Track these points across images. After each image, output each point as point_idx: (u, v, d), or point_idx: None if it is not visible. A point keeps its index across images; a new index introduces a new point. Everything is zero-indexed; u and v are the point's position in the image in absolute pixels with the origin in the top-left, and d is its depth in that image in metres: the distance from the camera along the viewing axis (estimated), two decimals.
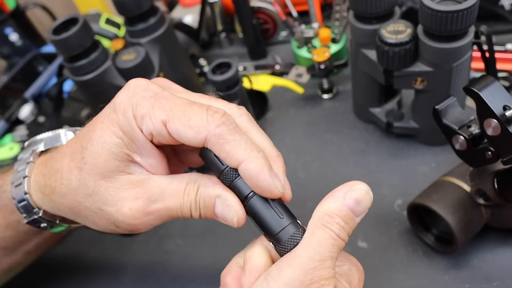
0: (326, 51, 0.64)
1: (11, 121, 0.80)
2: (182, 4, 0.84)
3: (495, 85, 0.35)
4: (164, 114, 0.30)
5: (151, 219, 0.33)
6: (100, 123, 0.32)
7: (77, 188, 0.34)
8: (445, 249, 0.46)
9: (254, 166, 0.29)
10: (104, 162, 0.32)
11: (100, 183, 0.33)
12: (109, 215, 0.33)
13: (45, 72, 0.86)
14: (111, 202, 0.33)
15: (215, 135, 0.30)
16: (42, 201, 0.37)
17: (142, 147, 0.32)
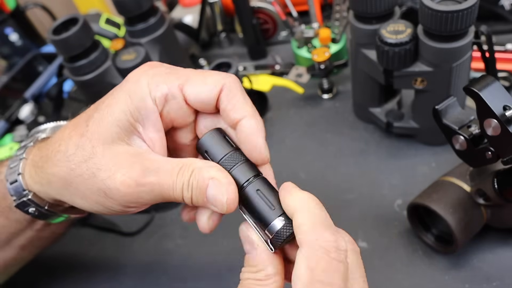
0: (326, 51, 0.64)
1: (11, 121, 0.80)
2: (182, 4, 0.84)
3: (495, 85, 0.35)
4: (180, 79, 0.32)
5: (142, 191, 0.32)
6: (110, 94, 0.33)
7: (73, 154, 0.33)
8: (445, 249, 0.46)
9: (256, 123, 0.32)
10: (106, 127, 0.32)
11: (98, 149, 0.32)
12: (101, 182, 0.32)
13: (45, 72, 0.86)
14: (105, 167, 0.32)
15: (228, 87, 0.32)
16: (34, 180, 0.37)
17: (147, 117, 0.32)
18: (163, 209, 0.59)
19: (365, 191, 0.55)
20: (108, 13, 0.95)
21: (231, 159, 0.32)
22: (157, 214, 0.59)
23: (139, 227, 0.57)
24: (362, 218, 0.53)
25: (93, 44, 0.57)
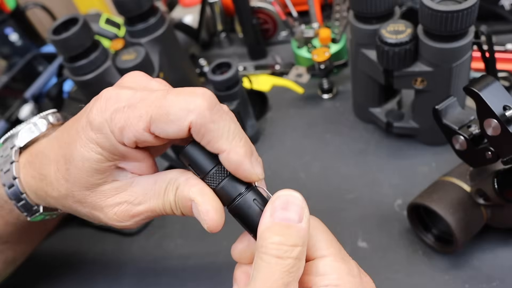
0: (326, 51, 0.64)
1: (11, 121, 0.80)
2: (182, 4, 0.84)
3: (495, 85, 0.35)
4: (143, 120, 0.29)
5: (137, 220, 0.34)
6: (79, 138, 0.32)
7: (66, 196, 0.34)
8: (445, 249, 0.46)
9: (236, 158, 0.29)
10: (86, 177, 0.32)
11: (86, 193, 0.33)
12: (99, 219, 0.35)
13: (45, 72, 0.86)
14: (98, 208, 0.34)
15: (197, 124, 0.29)
16: (38, 201, 0.38)
17: (125, 155, 0.32)
18: None
19: (365, 191, 0.55)
20: (108, 13, 0.95)
21: (217, 173, 0.30)
22: None
23: (139, 227, 0.57)
24: (362, 218, 0.53)
25: (93, 44, 0.57)
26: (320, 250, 0.30)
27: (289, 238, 0.27)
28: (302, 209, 0.28)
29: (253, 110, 0.63)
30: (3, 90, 0.86)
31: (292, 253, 0.27)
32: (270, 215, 0.28)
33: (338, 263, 0.29)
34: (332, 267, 0.29)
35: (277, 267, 0.27)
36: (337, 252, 0.30)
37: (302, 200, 0.29)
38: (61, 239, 0.58)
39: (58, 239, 0.58)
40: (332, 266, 0.29)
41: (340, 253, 0.30)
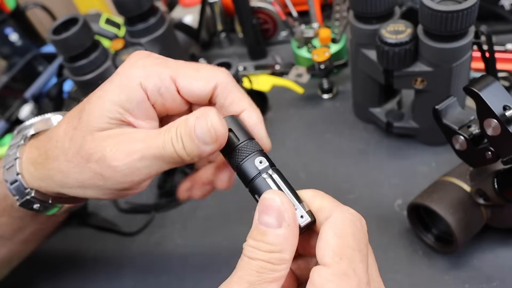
0: (326, 51, 0.64)
1: (11, 121, 0.80)
2: (182, 4, 0.84)
3: (495, 85, 0.35)
4: (172, 71, 0.32)
5: (134, 160, 0.31)
6: (102, 86, 0.33)
7: (68, 147, 0.34)
8: (445, 249, 0.46)
9: (256, 115, 0.34)
10: (96, 118, 0.32)
11: (88, 137, 0.33)
12: (95, 165, 0.32)
13: (45, 72, 0.86)
14: (95, 149, 0.32)
15: (223, 83, 0.33)
16: (34, 177, 0.37)
17: (138, 107, 0.32)
18: (163, 209, 0.59)
19: (365, 191, 0.55)
20: (108, 13, 0.95)
21: (249, 145, 0.31)
22: (157, 214, 0.59)
23: (139, 227, 0.57)
24: None
25: (93, 44, 0.57)
26: (323, 257, 0.27)
27: (263, 244, 0.27)
28: (281, 214, 0.27)
29: None
30: (3, 90, 0.86)
31: (263, 256, 0.27)
32: (257, 217, 0.28)
33: (334, 277, 0.26)
34: (326, 281, 0.26)
35: (248, 266, 0.27)
36: (343, 264, 0.26)
37: (282, 204, 0.27)
38: (62, 238, 0.58)
39: (58, 239, 0.58)
40: (326, 280, 0.26)
41: (348, 265, 0.26)
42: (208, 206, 0.58)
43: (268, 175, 0.30)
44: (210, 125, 0.29)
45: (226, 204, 0.57)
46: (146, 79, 0.32)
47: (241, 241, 0.31)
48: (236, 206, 0.55)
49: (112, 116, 0.32)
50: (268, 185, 0.29)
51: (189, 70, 0.33)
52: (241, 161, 0.30)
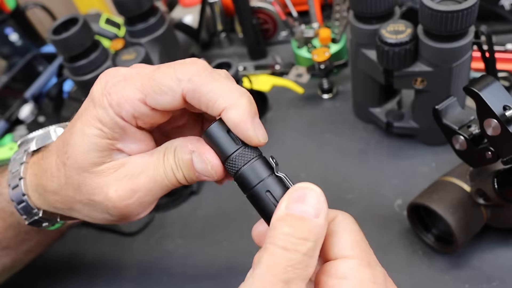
0: (326, 51, 0.64)
1: (11, 121, 0.80)
2: (182, 4, 0.84)
3: (495, 85, 0.35)
4: (138, 91, 0.29)
5: (140, 196, 0.32)
6: (80, 117, 0.32)
7: (65, 183, 0.34)
8: (445, 249, 0.46)
9: (235, 114, 0.28)
10: (85, 154, 0.32)
11: (84, 175, 0.32)
12: (99, 204, 0.33)
13: (45, 72, 0.86)
14: (97, 190, 0.32)
15: (190, 90, 0.28)
16: (39, 201, 0.37)
17: (124, 133, 0.31)
18: (163, 209, 0.59)
19: (365, 191, 0.55)
20: (108, 13, 0.95)
21: (240, 156, 0.29)
22: (157, 214, 0.59)
23: (139, 227, 0.57)
24: (362, 218, 0.52)
25: (93, 44, 0.57)
26: (343, 250, 0.27)
27: (301, 231, 0.25)
28: (321, 204, 0.26)
29: None
30: (3, 90, 0.86)
31: (300, 247, 0.25)
32: (286, 206, 0.26)
33: (361, 267, 0.27)
34: (354, 271, 0.26)
35: (281, 259, 0.25)
36: (364, 255, 0.27)
37: (322, 195, 0.27)
38: (62, 239, 0.58)
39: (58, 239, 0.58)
40: (354, 270, 0.26)
41: (367, 256, 0.27)
42: (208, 206, 0.58)
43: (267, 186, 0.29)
44: (209, 167, 0.30)
45: (226, 204, 0.57)
46: (119, 110, 0.30)
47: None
48: (236, 206, 0.55)
49: (100, 149, 0.31)
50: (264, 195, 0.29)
51: (152, 85, 0.29)
52: (234, 173, 0.29)
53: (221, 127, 0.29)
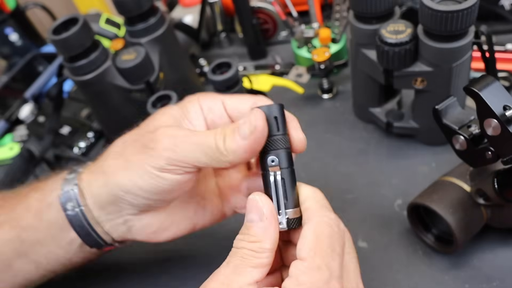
0: (326, 51, 0.64)
1: (11, 121, 0.80)
2: (182, 4, 0.84)
3: (495, 85, 0.35)
4: (221, 98, 0.39)
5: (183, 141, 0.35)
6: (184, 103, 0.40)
7: (129, 134, 0.39)
8: (445, 249, 0.46)
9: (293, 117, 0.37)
10: (160, 120, 0.38)
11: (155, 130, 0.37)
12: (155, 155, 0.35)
13: (45, 72, 0.86)
14: (156, 139, 0.36)
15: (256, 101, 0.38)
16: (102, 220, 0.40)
17: (193, 118, 0.39)
18: None
19: (365, 191, 0.55)
20: (108, 13, 0.95)
21: (281, 140, 0.34)
22: None
23: None
24: (362, 218, 0.53)
25: (93, 44, 0.57)
26: (301, 252, 0.31)
27: (248, 236, 0.32)
28: (260, 210, 0.32)
29: None
30: (3, 90, 0.86)
31: (247, 245, 0.32)
32: (246, 216, 0.33)
33: (308, 269, 0.30)
34: (300, 272, 0.30)
35: (234, 253, 0.32)
36: (316, 259, 0.31)
37: (262, 202, 0.32)
38: None
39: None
40: (301, 271, 0.30)
41: (320, 260, 0.31)
42: None
43: (273, 174, 0.33)
44: (254, 121, 0.33)
45: None
46: (203, 101, 0.38)
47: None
48: None
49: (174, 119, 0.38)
50: (268, 183, 0.34)
51: (232, 97, 0.39)
52: (262, 153, 0.34)
53: (278, 110, 0.34)
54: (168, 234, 0.41)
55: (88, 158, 0.70)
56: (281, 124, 0.34)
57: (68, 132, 0.73)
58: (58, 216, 0.39)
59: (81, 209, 0.39)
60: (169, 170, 0.35)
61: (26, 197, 0.42)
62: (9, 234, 0.41)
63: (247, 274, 0.31)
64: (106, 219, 0.39)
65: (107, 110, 0.63)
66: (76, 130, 0.73)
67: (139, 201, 0.37)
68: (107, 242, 0.41)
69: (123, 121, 0.65)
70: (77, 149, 0.71)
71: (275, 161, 0.33)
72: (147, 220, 0.39)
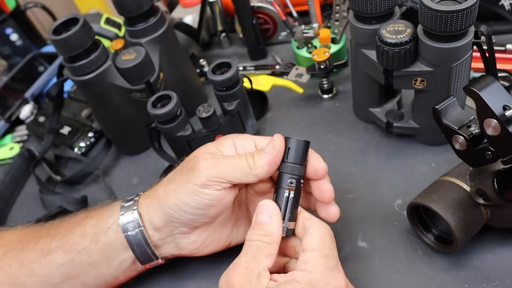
0: (326, 51, 0.64)
1: (11, 121, 0.80)
2: (182, 4, 0.84)
3: (495, 85, 0.35)
4: (252, 139, 0.46)
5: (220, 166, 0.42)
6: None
7: (179, 166, 0.45)
8: (445, 249, 0.46)
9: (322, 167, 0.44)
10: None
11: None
12: (197, 174, 0.42)
13: (45, 72, 0.86)
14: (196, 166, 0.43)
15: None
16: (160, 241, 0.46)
17: (228, 150, 0.45)
18: None
19: (365, 191, 0.55)
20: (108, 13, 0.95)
21: (296, 168, 0.42)
22: None
23: None
24: (362, 218, 0.53)
25: (93, 44, 0.57)
26: (310, 245, 0.39)
27: (260, 231, 0.40)
28: (272, 212, 0.41)
29: (253, 110, 0.64)
30: (3, 90, 0.86)
31: (261, 238, 0.39)
32: (255, 216, 0.41)
33: (319, 257, 0.38)
34: (314, 258, 0.38)
35: (250, 245, 0.39)
36: (323, 250, 0.39)
37: (274, 207, 0.41)
38: None
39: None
40: (314, 257, 0.38)
41: (326, 251, 0.39)
42: None
43: (287, 192, 0.41)
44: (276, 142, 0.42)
45: None
46: (237, 139, 0.45)
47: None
48: None
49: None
50: (282, 197, 0.42)
51: (263, 137, 0.46)
52: (282, 172, 0.42)
53: (304, 145, 0.43)
54: (209, 249, 0.47)
55: (88, 158, 0.70)
56: (303, 156, 0.42)
57: (68, 132, 0.73)
58: (116, 238, 0.45)
59: (140, 230, 0.44)
60: (209, 186, 0.41)
61: (80, 224, 0.46)
62: (62, 259, 0.45)
63: (263, 261, 0.38)
64: (159, 238, 0.45)
65: (107, 110, 0.63)
66: (76, 130, 0.73)
67: (187, 217, 0.43)
68: (157, 257, 0.46)
69: (123, 121, 0.65)
70: (77, 149, 0.71)
71: (293, 183, 0.41)
72: (192, 238, 0.45)
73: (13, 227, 0.52)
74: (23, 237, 0.48)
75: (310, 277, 0.37)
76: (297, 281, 0.37)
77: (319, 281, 0.37)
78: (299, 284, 0.36)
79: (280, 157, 0.42)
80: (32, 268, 0.45)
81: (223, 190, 0.42)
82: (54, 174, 0.68)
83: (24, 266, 0.45)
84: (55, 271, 0.45)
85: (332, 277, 0.38)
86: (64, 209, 0.61)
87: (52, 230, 0.47)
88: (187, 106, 0.58)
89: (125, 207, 0.46)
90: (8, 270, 0.45)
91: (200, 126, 0.57)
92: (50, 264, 0.45)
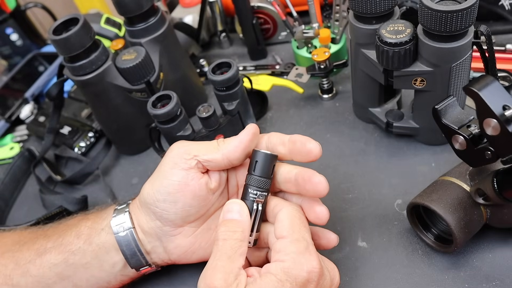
0: (326, 51, 0.64)
1: (11, 121, 0.80)
2: (182, 4, 0.84)
3: (494, 85, 0.35)
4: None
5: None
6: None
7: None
8: (445, 249, 0.47)
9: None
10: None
11: None
12: (168, 154, 0.43)
13: (45, 72, 0.86)
14: None
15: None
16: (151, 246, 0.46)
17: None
18: None
19: (365, 191, 0.55)
20: (108, 13, 0.96)
21: (262, 182, 0.41)
22: None
23: None
24: (362, 218, 0.53)
25: (93, 44, 0.57)
26: (281, 232, 0.39)
27: (232, 228, 0.39)
28: (242, 210, 0.41)
29: (253, 110, 0.64)
30: (3, 90, 0.86)
31: (233, 235, 0.39)
32: (223, 215, 0.41)
33: (290, 243, 0.38)
34: (285, 246, 0.38)
35: (224, 245, 0.38)
36: (295, 235, 0.39)
37: (241, 205, 0.41)
38: None
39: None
40: (285, 245, 0.38)
41: (297, 234, 0.39)
42: None
43: (256, 205, 0.41)
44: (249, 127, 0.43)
45: None
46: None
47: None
48: None
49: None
50: (251, 209, 0.41)
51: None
52: (248, 184, 0.42)
53: (270, 159, 0.42)
54: (196, 256, 0.46)
55: (88, 158, 0.70)
56: (270, 169, 0.41)
57: (68, 132, 0.73)
58: (108, 240, 0.45)
59: (130, 231, 0.44)
60: (177, 165, 0.42)
61: (76, 226, 0.47)
62: (56, 259, 0.45)
63: (238, 260, 0.38)
64: (147, 242, 0.45)
65: (107, 110, 0.63)
66: (76, 130, 0.73)
67: (161, 207, 0.43)
68: (148, 262, 0.46)
69: (123, 121, 0.65)
70: (77, 149, 0.71)
71: (261, 197, 0.41)
72: (177, 241, 0.45)
73: (13, 229, 0.52)
74: (21, 238, 0.48)
75: (283, 265, 0.37)
76: (271, 273, 0.37)
77: (292, 269, 0.37)
78: (274, 276, 0.36)
79: (252, 141, 0.43)
80: (27, 268, 0.45)
81: (190, 170, 0.42)
82: (54, 174, 0.68)
83: (20, 266, 0.45)
84: (49, 272, 0.45)
85: (304, 260, 0.37)
86: (64, 209, 0.61)
87: (49, 231, 0.48)
88: (187, 106, 0.58)
89: (118, 210, 0.46)
90: (3, 270, 0.45)
91: (200, 126, 0.57)
92: (45, 264, 0.45)
